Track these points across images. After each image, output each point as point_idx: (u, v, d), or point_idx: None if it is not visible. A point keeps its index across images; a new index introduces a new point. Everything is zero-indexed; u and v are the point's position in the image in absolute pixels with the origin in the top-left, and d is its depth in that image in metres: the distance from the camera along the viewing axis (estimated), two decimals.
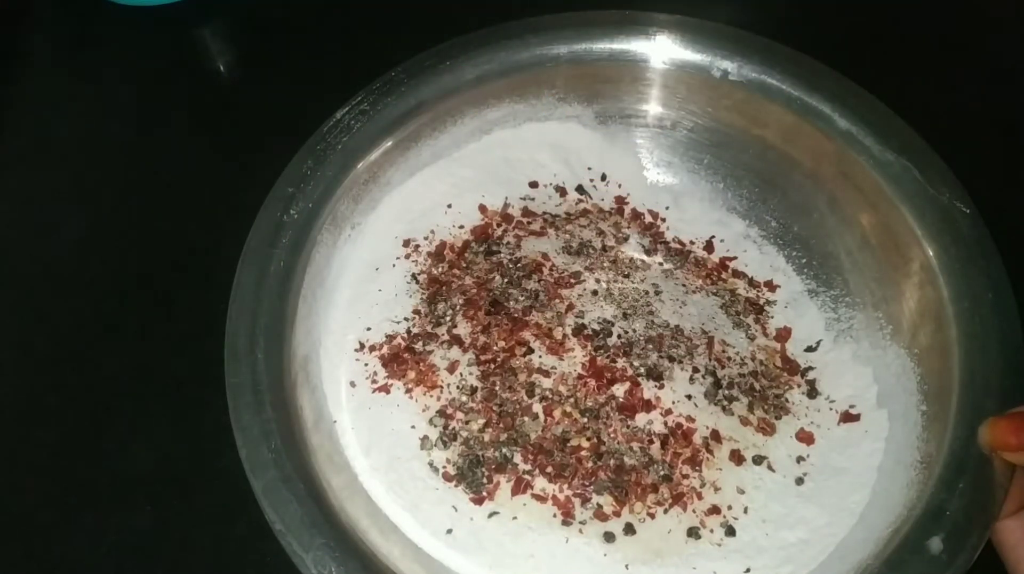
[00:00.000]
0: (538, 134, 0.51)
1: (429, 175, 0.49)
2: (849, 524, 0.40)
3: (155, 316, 0.49)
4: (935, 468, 0.38)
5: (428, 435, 0.42)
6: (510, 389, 0.42)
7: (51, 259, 0.51)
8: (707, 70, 0.49)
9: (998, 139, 0.54)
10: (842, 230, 0.47)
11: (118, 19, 0.59)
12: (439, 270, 0.47)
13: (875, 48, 0.57)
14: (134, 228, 0.52)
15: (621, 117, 0.51)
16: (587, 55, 0.49)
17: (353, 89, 0.46)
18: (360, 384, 0.43)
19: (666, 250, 0.49)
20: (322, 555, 0.35)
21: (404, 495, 0.41)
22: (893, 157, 0.45)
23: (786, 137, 0.48)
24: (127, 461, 0.45)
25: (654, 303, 0.46)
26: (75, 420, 0.46)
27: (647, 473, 0.41)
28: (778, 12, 0.60)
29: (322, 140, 0.46)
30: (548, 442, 0.41)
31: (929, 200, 0.44)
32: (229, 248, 0.43)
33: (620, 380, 0.42)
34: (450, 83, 0.48)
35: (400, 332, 0.45)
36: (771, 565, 0.39)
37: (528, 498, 0.40)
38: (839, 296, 0.47)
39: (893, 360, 0.44)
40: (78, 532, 0.43)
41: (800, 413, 0.44)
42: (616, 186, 0.51)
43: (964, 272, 0.42)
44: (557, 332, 0.44)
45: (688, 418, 0.42)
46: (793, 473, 0.42)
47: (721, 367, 0.44)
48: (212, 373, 0.40)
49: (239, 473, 0.37)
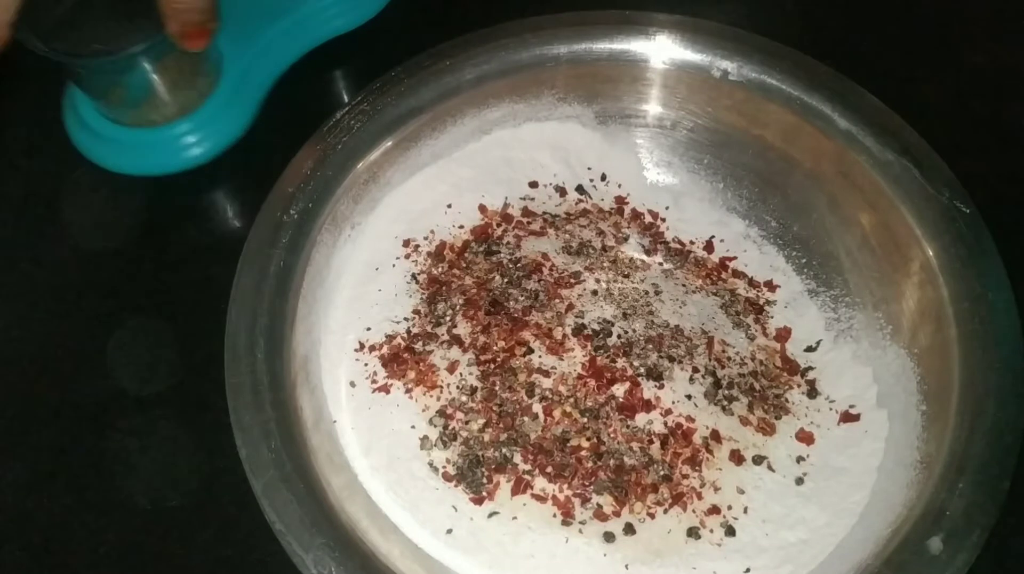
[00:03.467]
0: (538, 134, 0.51)
1: (429, 175, 0.49)
2: (849, 524, 0.40)
3: (155, 316, 0.49)
4: (935, 468, 0.38)
5: (428, 435, 0.42)
6: (510, 389, 0.42)
7: (52, 260, 0.51)
8: (707, 70, 0.49)
9: (998, 139, 0.54)
10: (842, 230, 0.47)
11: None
12: (439, 270, 0.47)
13: (875, 48, 0.57)
14: (134, 228, 0.52)
15: (621, 117, 0.51)
16: (587, 55, 0.49)
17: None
18: (360, 384, 0.43)
19: (666, 250, 0.49)
20: (322, 555, 0.35)
21: (404, 495, 0.41)
22: (893, 157, 0.45)
23: (786, 137, 0.49)
24: (127, 461, 0.45)
25: (654, 303, 0.46)
26: (75, 420, 0.46)
27: (647, 473, 0.41)
28: (778, 12, 0.59)
29: (322, 140, 0.46)
30: (548, 442, 0.41)
31: (929, 200, 0.44)
32: (229, 248, 0.43)
33: (620, 380, 0.42)
34: (450, 83, 0.48)
35: (400, 332, 0.45)
36: (771, 565, 0.39)
37: (528, 498, 0.40)
38: (839, 296, 0.47)
39: (893, 360, 0.44)
40: (78, 532, 0.43)
41: (800, 413, 0.44)
42: (616, 186, 0.51)
43: (964, 272, 0.42)
44: (557, 332, 0.44)
45: (688, 418, 0.42)
46: (793, 473, 0.42)
47: (721, 367, 0.44)
48: (212, 373, 0.40)
49: (239, 473, 0.37)
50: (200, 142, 0.52)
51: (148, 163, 0.52)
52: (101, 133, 0.52)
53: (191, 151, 0.52)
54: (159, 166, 0.52)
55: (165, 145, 0.52)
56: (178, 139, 0.52)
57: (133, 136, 0.52)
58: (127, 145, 0.52)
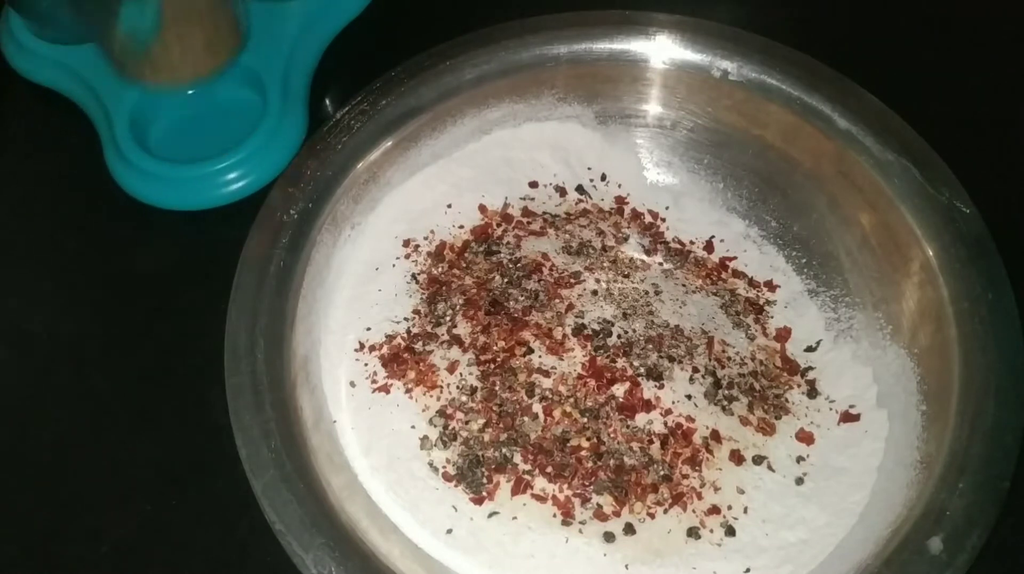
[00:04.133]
0: (538, 134, 0.51)
1: (429, 175, 0.49)
2: (849, 524, 0.40)
3: (155, 316, 0.49)
4: (935, 468, 0.38)
5: (428, 435, 0.42)
6: (510, 389, 0.42)
7: (52, 261, 0.51)
8: (707, 70, 0.49)
9: (998, 139, 0.54)
10: (842, 230, 0.47)
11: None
12: (439, 270, 0.47)
13: (875, 48, 0.57)
14: (135, 229, 0.52)
15: (621, 117, 0.51)
16: (587, 55, 0.49)
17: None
18: (360, 384, 0.43)
19: (666, 250, 0.49)
20: (322, 555, 0.35)
21: (404, 495, 0.41)
22: (893, 157, 0.45)
23: (786, 137, 0.49)
24: (127, 461, 0.45)
25: (654, 303, 0.46)
26: (75, 420, 0.46)
27: (647, 473, 0.41)
28: (778, 12, 0.59)
29: (322, 140, 0.46)
30: (548, 442, 0.41)
31: (929, 200, 0.44)
32: (229, 248, 0.43)
33: (620, 380, 0.42)
34: (450, 83, 0.48)
35: (400, 332, 0.45)
36: (771, 565, 0.39)
37: (528, 498, 0.40)
38: (839, 296, 0.47)
39: (893, 360, 0.44)
40: (78, 532, 0.43)
41: (800, 413, 0.44)
42: (616, 186, 0.51)
43: (964, 272, 0.42)
44: (557, 332, 0.44)
45: (688, 418, 0.42)
46: (793, 473, 0.42)
47: (721, 367, 0.44)
48: (212, 373, 0.40)
49: (239, 473, 0.37)
50: (250, 172, 0.50)
51: (190, 199, 0.51)
52: (139, 165, 0.50)
53: (237, 184, 0.50)
54: (202, 202, 0.50)
55: (207, 181, 0.50)
56: (221, 175, 0.50)
57: (175, 171, 0.50)
58: (169, 180, 0.50)
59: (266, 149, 0.50)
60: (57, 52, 0.54)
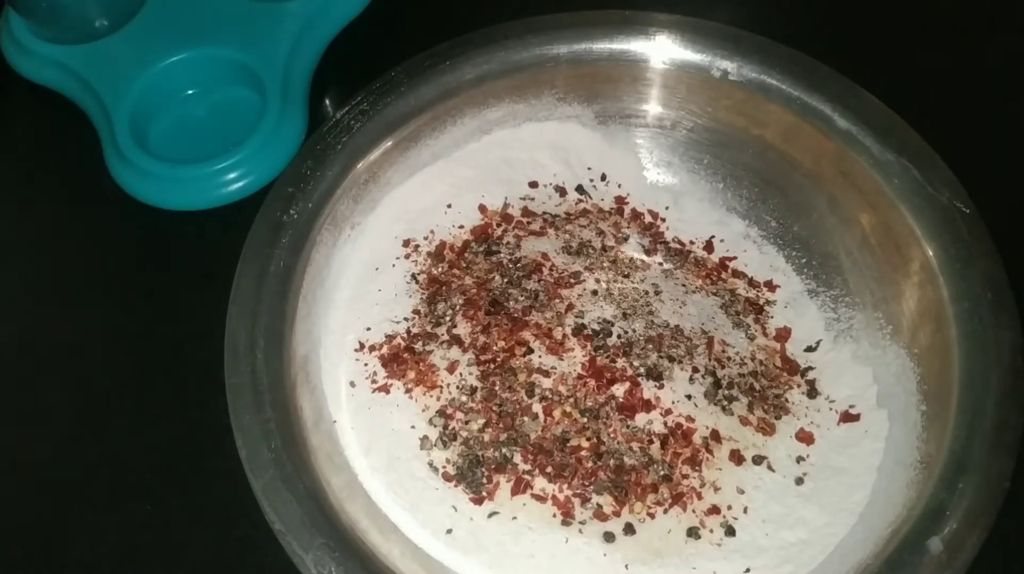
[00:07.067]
0: (538, 134, 0.51)
1: (429, 175, 0.49)
2: (849, 524, 0.40)
3: (155, 316, 0.49)
4: (935, 468, 0.38)
5: (428, 435, 0.42)
6: (510, 389, 0.42)
7: (52, 261, 0.51)
8: (707, 70, 0.49)
9: (998, 139, 0.54)
10: (842, 230, 0.47)
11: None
12: (439, 270, 0.47)
13: (875, 48, 0.57)
14: (135, 229, 0.52)
15: (621, 117, 0.51)
16: (587, 55, 0.49)
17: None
18: (360, 384, 0.43)
19: (666, 250, 0.49)
20: (322, 555, 0.35)
21: (404, 495, 0.41)
22: (893, 157, 0.45)
23: (786, 137, 0.49)
24: (127, 461, 0.45)
25: (654, 303, 0.46)
26: (75, 420, 0.46)
27: (647, 473, 0.41)
28: (778, 12, 0.60)
29: (322, 140, 0.46)
30: (548, 442, 0.41)
31: (929, 200, 0.44)
32: (229, 248, 0.43)
33: (620, 380, 0.42)
34: (450, 83, 0.48)
35: (400, 332, 0.45)
36: (771, 565, 0.39)
37: (528, 498, 0.40)
38: (839, 296, 0.47)
39: (893, 360, 0.44)
40: (78, 532, 0.43)
41: (800, 413, 0.44)
42: (616, 186, 0.51)
43: (964, 272, 0.42)
44: (557, 332, 0.44)
45: (688, 418, 0.42)
46: (793, 473, 0.42)
47: (721, 367, 0.44)
48: (212, 373, 0.40)
49: (239, 473, 0.37)
50: (250, 172, 0.50)
51: (190, 199, 0.51)
52: (139, 165, 0.50)
53: (237, 184, 0.50)
54: (202, 202, 0.51)
55: (207, 181, 0.50)
56: (221, 175, 0.50)
57: (175, 172, 0.50)
58: (169, 180, 0.50)
59: (266, 149, 0.51)
60: (57, 52, 0.54)
